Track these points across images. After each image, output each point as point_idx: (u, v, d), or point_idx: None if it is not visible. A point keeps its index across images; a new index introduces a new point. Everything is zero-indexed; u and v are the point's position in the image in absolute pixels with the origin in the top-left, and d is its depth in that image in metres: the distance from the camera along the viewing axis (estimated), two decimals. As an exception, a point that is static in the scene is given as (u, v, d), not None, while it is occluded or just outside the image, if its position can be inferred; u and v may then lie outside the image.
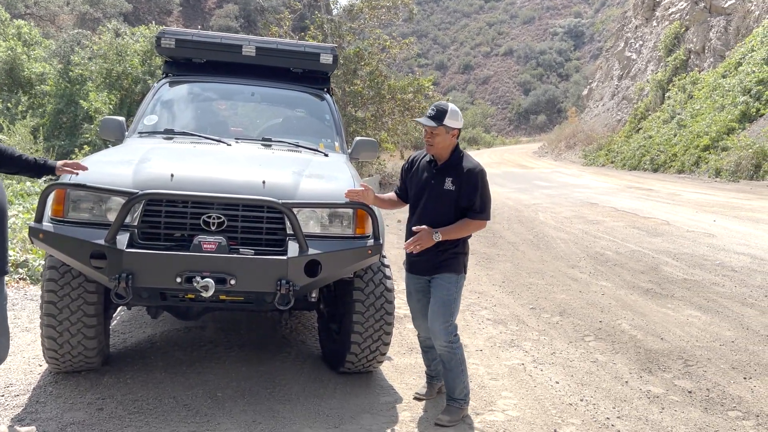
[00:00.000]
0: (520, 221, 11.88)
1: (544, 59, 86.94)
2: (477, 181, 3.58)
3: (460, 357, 3.72)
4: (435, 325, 3.65)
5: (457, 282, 3.66)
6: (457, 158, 3.66)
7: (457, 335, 3.72)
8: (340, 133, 5.23)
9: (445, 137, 3.60)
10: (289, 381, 4.14)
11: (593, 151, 32.34)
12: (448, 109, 3.59)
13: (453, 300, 3.65)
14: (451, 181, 3.60)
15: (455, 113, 3.60)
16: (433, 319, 3.65)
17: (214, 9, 50.58)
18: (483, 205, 3.61)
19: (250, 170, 3.81)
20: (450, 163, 3.65)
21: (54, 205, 3.49)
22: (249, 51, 5.44)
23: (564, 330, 5.63)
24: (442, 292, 3.64)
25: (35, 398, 3.71)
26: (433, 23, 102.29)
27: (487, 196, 3.64)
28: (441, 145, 3.62)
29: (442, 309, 3.63)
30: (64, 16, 38.94)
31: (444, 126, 3.56)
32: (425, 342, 3.96)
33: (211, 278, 3.32)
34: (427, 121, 3.57)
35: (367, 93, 20.53)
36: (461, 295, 3.77)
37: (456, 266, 3.65)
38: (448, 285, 3.64)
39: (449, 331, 3.65)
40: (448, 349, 3.68)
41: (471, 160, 3.68)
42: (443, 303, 3.63)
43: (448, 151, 3.66)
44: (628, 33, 38.39)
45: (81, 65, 20.96)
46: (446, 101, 3.84)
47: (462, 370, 3.73)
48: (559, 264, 8.26)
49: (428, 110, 3.61)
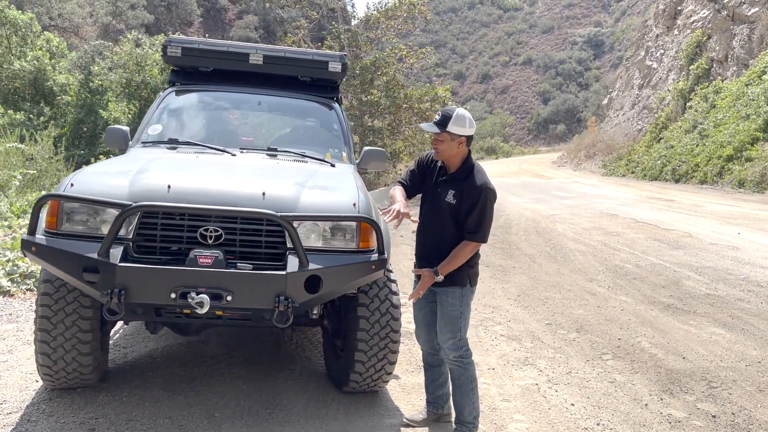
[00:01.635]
0: (537, 232, 11.64)
1: (563, 68, 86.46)
2: (478, 199, 3.38)
3: (471, 374, 3.54)
4: (443, 341, 3.51)
5: (462, 296, 3.49)
6: (465, 171, 3.47)
7: (469, 350, 3.55)
8: (349, 143, 5.09)
9: (450, 145, 3.41)
10: (291, 400, 3.98)
11: (613, 161, 31.92)
12: (453, 114, 3.39)
13: (460, 315, 3.48)
14: (453, 195, 3.44)
15: (461, 119, 3.39)
16: (441, 334, 3.52)
17: (234, 20, 51.05)
18: (478, 225, 3.40)
19: (250, 181, 3.67)
20: (457, 175, 3.47)
21: (48, 217, 3.38)
22: (256, 59, 5.33)
23: (581, 347, 5.41)
24: (447, 307, 3.49)
25: (27, 417, 3.59)
26: (451, 33, 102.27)
27: (486, 217, 3.42)
28: (447, 153, 3.44)
29: (449, 325, 3.48)
30: (88, 27, 39.51)
31: (448, 132, 3.38)
32: (427, 357, 3.79)
33: (207, 294, 3.17)
34: (430, 126, 3.41)
35: (384, 102, 20.45)
36: (470, 308, 3.59)
37: (460, 279, 3.48)
38: (453, 300, 3.48)
39: (459, 346, 3.49)
40: (458, 363, 3.52)
41: (481, 176, 3.46)
42: (449, 319, 3.48)
43: (458, 160, 3.47)
44: (648, 42, 37.95)
45: (101, 75, 21.17)
46: (456, 106, 3.62)
47: (472, 389, 3.55)
48: (576, 277, 8.02)
49: (435, 115, 3.44)
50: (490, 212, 3.43)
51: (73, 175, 3.59)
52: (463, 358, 3.51)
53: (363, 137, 20.26)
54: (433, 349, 3.69)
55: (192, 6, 47.37)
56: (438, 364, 3.74)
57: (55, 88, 21.82)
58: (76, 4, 38.30)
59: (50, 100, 21.66)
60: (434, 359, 3.74)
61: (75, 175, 3.57)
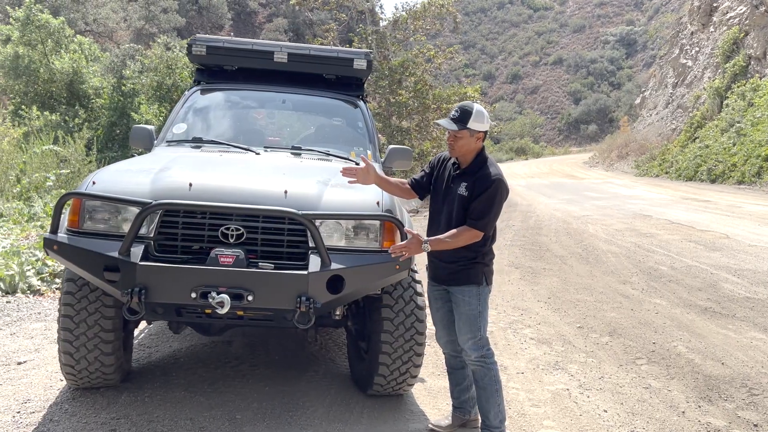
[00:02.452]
0: (568, 234, 11.41)
1: (594, 68, 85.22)
2: (488, 188, 3.28)
3: (494, 374, 3.42)
4: (463, 341, 3.41)
5: (479, 294, 3.38)
6: (479, 163, 3.38)
7: (491, 350, 3.43)
8: (374, 142, 5.00)
9: (469, 141, 3.32)
10: (313, 403, 3.90)
11: (646, 162, 31.27)
12: (473, 110, 3.29)
13: (478, 314, 3.37)
14: (465, 187, 3.34)
15: (481, 115, 3.31)
16: (461, 335, 3.41)
17: (264, 23, 51.49)
18: (483, 213, 3.27)
19: (272, 180, 3.61)
20: (470, 169, 3.38)
21: (70, 215, 3.36)
22: (281, 57, 5.28)
23: (614, 352, 5.23)
24: (464, 307, 3.38)
25: (50, 416, 3.57)
26: (480, 33, 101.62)
27: (492, 207, 3.30)
28: (464, 150, 3.35)
29: (468, 324, 3.38)
30: (122, 32, 40.22)
31: (468, 129, 3.29)
32: (449, 360, 3.68)
33: (228, 294, 3.11)
34: (449, 123, 3.30)
35: (412, 103, 20.33)
36: (488, 306, 3.47)
37: (476, 277, 3.37)
38: (469, 299, 3.37)
39: (480, 345, 3.38)
40: (480, 364, 3.40)
41: (494, 168, 3.37)
42: (468, 318, 3.37)
43: (472, 155, 3.38)
44: (683, 39, 37.15)
45: (133, 79, 21.47)
46: (472, 102, 3.51)
47: (497, 390, 3.43)
48: (609, 279, 7.81)
49: (451, 112, 3.33)
50: (498, 205, 3.32)
51: (95, 173, 3.58)
52: (485, 358, 3.39)
53: (391, 138, 20.17)
54: (455, 350, 3.58)
55: (223, 10, 47.88)
56: (461, 366, 3.62)
57: (89, 91, 22.21)
58: (111, 9, 39.02)
59: (85, 103, 22.06)
60: (457, 362, 3.63)
61: (97, 174, 3.55)
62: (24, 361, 4.52)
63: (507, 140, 63.66)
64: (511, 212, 14.77)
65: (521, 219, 13.54)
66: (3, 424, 3.48)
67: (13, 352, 4.72)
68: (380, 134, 21.06)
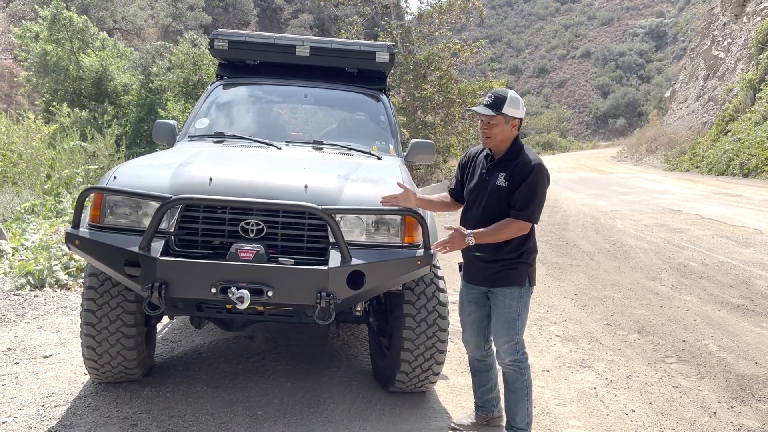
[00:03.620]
0: (596, 229, 11.22)
1: (623, 61, 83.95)
2: (528, 175, 3.13)
3: (526, 379, 3.33)
4: (499, 344, 3.30)
5: (520, 296, 3.24)
6: (515, 151, 3.23)
7: (525, 353, 3.32)
8: (396, 135, 4.94)
9: (504, 128, 3.18)
10: (335, 399, 3.86)
11: (676, 156, 30.67)
12: (508, 95, 3.16)
13: (517, 317, 3.24)
14: (505, 177, 3.17)
15: (516, 100, 3.18)
16: (497, 337, 3.29)
17: (289, 19, 51.66)
18: (526, 202, 3.12)
19: (293, 174, 3.57)
20: (506, 157, 3.23)
21: (91, 210, 3.36)
22: (303, 51, 5.24)
23: (642, 350, 5.11)
24: (504, 309, 3.24)
25: (73, 410, 3.59)
26: (507, 27, 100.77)
27: (536, 195, 3.15)
28: (499, 138, 3.20)
29: (506, 327, 3.24)
30: (149, 29, 40.69)
31: (503, 115, 3.14)
32: (474, 363, 3.55)
33: (247, 289, 3.08)
34: (484, 109, 3.16)
35: (437, 98, 20.19)
36: (528, 309, 3.33)
37: (519, 278, 3.22)
38: (510, 301, 3.23)
39: (515, 350, 3.27)
40: (513, 368, 3.30)
41: (532, 154, 3.24)
42: (506, 321, 3.24)
43: (507, 143, 3.23)
44: (715, 31, 36.33)
45: (160, 76, 21.70)
46: (506, 88, 3.38)
47: (527, 394, 3.34)
48: (637, 276, 7.64)
49: (484, 98, 3.20)
50: (542, 192, 3.18)
51: (116, 168, 3.58)
52: (519, 362, 3.29)
53: (415, 133, 20.07)
54: (482, 355, 3.47)
55: (249, 6, 48.14)
56: (486, 369, 3.52)
57: (117, 88, 22.52)
58: (138, 6, 39.49)
59: (113, 100, 22.38)
60: (482, 365, 3.52)
61: (118, 168, 3.55)
62: (50, 355, 4.57)
63: (533, 135, 62.99)
64: (537, 207, 14.57)
65: (548, 214, 13.35)
66: (27, 417, 3.51)
67: (39, 346, 4.77)
68: (405, 129, 20.97)
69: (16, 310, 5.63)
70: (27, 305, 5.79)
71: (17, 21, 30.01)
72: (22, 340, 4.88)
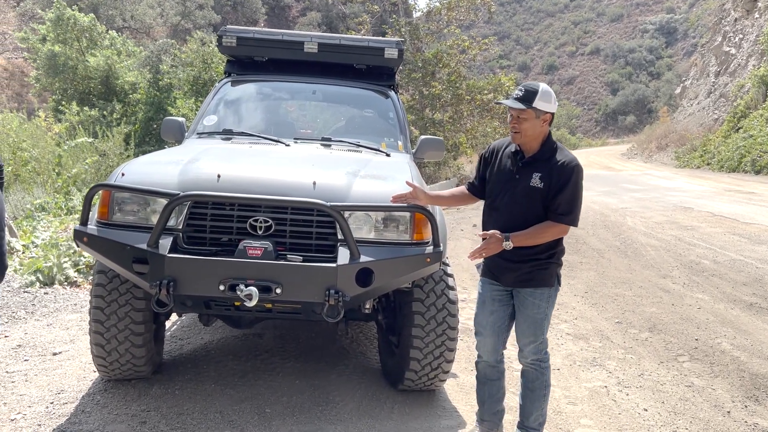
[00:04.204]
0: (606, 226, 11.13)
1: (633, 58, 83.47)
2: (570, 178, 2.97)
3: (546, 379, 3.25)
4: (523, 343, 3.21)
5: (549, 297, 3.14)
6: (549, 150, 3.06)
7: (548, 353, 3.24)
8: (405, 132, 4.91)
9: (535, 123, 2.99)
10: (343, 397, 3.84)
11: (687, 153, 30.43)
12: (540, 88, 2.98)
13: (545, 317, 3.15)
14: (540, 177, 3.00)
15: (548, 94, 3.00)
16: (522, 336, 3.20)
17: (298, 17, 51.66)
18: (569, 206, 2.98)
19: (301, 171, 3.55)
20: (540, 156, 3.05)
21: (99, 207, 3.36)
22: (311, 48, 5.22)
23: (654, 348, 5.06)
24: (532, 309, 3.12)
25: (82, 407, 3.59)
26: (515, 24, 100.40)
27: (577, 198, 3.01)
28: (530, 133, 3.01)
29: (533, 328, 3.15)
30: (158, 28, 40.80)
31: (534, 109, 2.96)
32: (486, 369, 3.34)
33: (256, 286, 3.06)
34: (514, 102, 2.98)
35: (446, 95, 20.12)
36: (554, 308, 3.24)
37: (549, 279, 3.11)
38: (539, 302, 3.11)
39: (540, 349, 3.20)
40: (535, 367, 3.23)
41: (566, 152, 3.07)
42: (534, 321, 3.14)
43: (539, 141, 3.05)
44: (726, 27, 36.03)
45: (169, 73, 21.74)
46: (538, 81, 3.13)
47: (545, 395, 3.27)
48: (648, 273, 7.58)
49: (515, 91, 3.03)
50: (581, 193, 3.05)
51: (124, 164, 3.57)
52: (541, 361, 3.22)
53: (424, 130, 20.02)
54: (496, 360, 3.31)
55: (257, 4, 48.15)
56: (497, 377, 3.35)
57: (125, 86, 22.57)
58: (147, 5, 39.60)
59: (121, 98, 22.43)
60: (494, 372, 3.34)
61: (126, 165, 3.54)
62: (59, 352, 4.57)
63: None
64: (547, 205, 14.50)
65: (557, 211, 13.27)
66: (36, 414, 3.51)
67: (49, 343, 4.78)
68: (413, 127, 20.92)
69: (26, 307, 5.64)
70: (37, 302, 5.80)
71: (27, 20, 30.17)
72: (31, 337, 4.89)
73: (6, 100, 26.25)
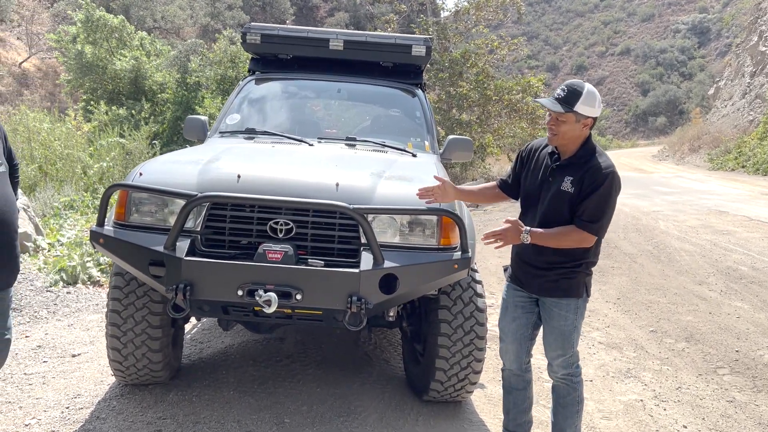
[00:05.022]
0: (637, 230, 10.82)
1: (664, 58, 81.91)
2: (602, 184, 2.76)
3: (579, 394, 3.06)
4: (552, 357, 3.04)
5: (577, 308, 2.94)
6: (586, 154, 2.85)
7: (579, 367, 3.05)
8: (432, 132, 4.74)
9: (574, 127, 2.79)
10: (366, 407, 3.69)
11: (720, 155, 29.69)
12: (584, 90, 2.76)
13: (573, 329, 2.95)
14: (572, 182, 2.81)
15: (592, 96, 2.78)
16: (549, 350, 3.02)
17: (325, 17, 51.75)
18: (595, 214, 2.77)
19: (324, 172, 3.41)
20: (576, 159, 2.85)
21: (117, 207, 3.26)
22: (336, 45, 5.08)
23: (691, 359, 4.83)
24: (559, 321, 2.94)
25: (97, 413, 3.50)
26: (544, 24, 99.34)
27: (607, 207, 2.79)
28: (568, 136, 2.82)
29: (561, 340, 2.96)
30: (188, 28, 41.19)
31: (574, 113, 2.76)
32: (511, 378, 3.20)
33: (275, 292, 2.93)
34: (553, 104, 2.77)
35: (473, 95, 19.88)
36: (583, 318, 3.03)
37: (577, 289, 2.92)
38: (566, 313, 2.92)
39: (570, 363, 3.01)
40: (566, 382, 3.04)
41: (606, 159, 2.86)
42: (561, 333, 2.95)
43: (577, 144, 2.85)
44: (762, 26, 35.10)
45: (197, 72, 21.87)
46: (583, 81, 2.89)
47: (578, 411, 3.07)
48: (683, 279, 7.30)
49: (556, 90, 2.83)
50: (613, 203, 2.83)
51: (143, 164, 3.47)
52: (572, 376, 3.03)
53: (451, 131, 19.80)
54: (520, 369, 3.16)
55: (285, 5, 48.32)
56: (523, 387, 3.20)
57: (153, 86, 22.76)
58: (178, 6, 39.98)
59: (150, 97, 22.62)
60: (519, 381, 3.19)
61: (145, 165, 3.44)
62: (78, 354, 4.50)
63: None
64: (576, 207, 14.20)
65: (587, 214, 12.97)
66: (51, 420, 3.43)
67: (69, 344, 4.71)
68: (440, 127, 20.71)
69: (48, 307, 5.60)
70: (59, 302, 5.76)
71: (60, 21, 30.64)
72: (52, 338, 4.84)
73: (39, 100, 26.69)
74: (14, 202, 2.94)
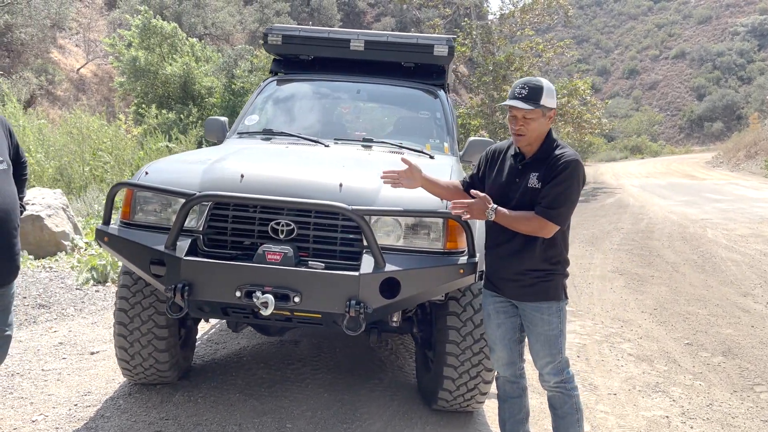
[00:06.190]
0: (683, 238, 10.40)
1: (721, 61, 79.14)
2: (563, 171, 2.70)
3: (575, 402, 2.91)
4: (541, 365, 2.90)
5: (559, 311, 2.83)
6: (549, 148, 2.79)
7: (571, 373, 2.91)
8: (452, 133, 4.62)
9: (541, 122, 2.76)
10: (372, 415, 3.59)
11: (779, 162, 28.45)
12: (544, 85, 2.74)
13: (559, 333, 2.83)
14: (537, 177, 2.75)
15: (551, 89, 2.76)
16: (537, 358, 2.89)
17: (372, 23, 51.97)
18: (556, 200, 2.69)
19: (329, 172, 3.32)
20: (540, 155, 2.80)
21: (122, 206, 3.26)
22: (357, 45, 5.01)
23: (727, 375, 4.55)
24: (542, 327, 2.82)
25: (102, 411, 3.50)
26: (595, 27, 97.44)
27: (568, 194, 2.72)
28: (535, 134, 2.76)
29: (548, 347, 2.84)
30: (237, 35, 42.01)
31: (541, 107, 2.72)
32: (505, 386, 3.07)
33: (273, 294, 2.86)
34: (520, 103, 2.71)
35: (517, 99, 19.57)
36: (566, 322, 2.91)
37: (556, 292, 2.82)
38: (549, 317, 2.81)
39: (560, 369, 2.87)
40: (560, 390, 2.90)
41: (566, 149, 2.80)
42: (547, 340, 2.83)
43: (541, 140, 2.80)
44: (827, 26, 33.51)
45: (242, 78, 22.25)
46: (535, 76, 2.83)
47: (578, 420, 2.92)
48: (727, 291, 6.94)
49: (515, 91, 2.76)
50: (576, 191, 2.74)
51: (150, 163, 3.46)
52: (565, 383, 2.89)
53: (494, 135, 19.55)
54: (514, 375, 3.03)
55: (332, 11, 48.78)
56: (518, 394, 3.07)
57: (202, 91, 23.24)
58: (228, 13, 40.83)
59: (198, 102, 23.10)
60: (514, 389, 3.06)
61: (152, 164, 3.43)
62: (96, 351, 4.54)
63: (622, 138, 60.32)
64: (621, 214, 13.80)
65: (631, 221, 12.57)
66: (57, 417, 3.45)
67: (89, 342, 4.77)
68: (483, 131, 20.45)
69: (76, 305, 5.70)
70: (87, 300, 5.86)
71: (115, 27, 31.64)
72: (74, 335, 4.90)
73: (95, 105, 27.57)
74: (15, 199, 2.96)
